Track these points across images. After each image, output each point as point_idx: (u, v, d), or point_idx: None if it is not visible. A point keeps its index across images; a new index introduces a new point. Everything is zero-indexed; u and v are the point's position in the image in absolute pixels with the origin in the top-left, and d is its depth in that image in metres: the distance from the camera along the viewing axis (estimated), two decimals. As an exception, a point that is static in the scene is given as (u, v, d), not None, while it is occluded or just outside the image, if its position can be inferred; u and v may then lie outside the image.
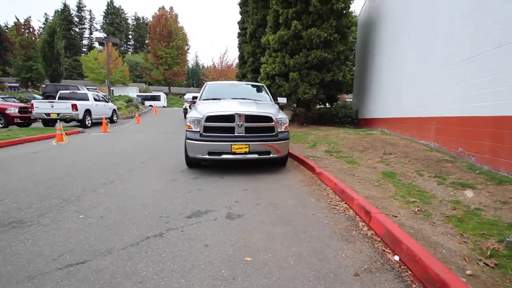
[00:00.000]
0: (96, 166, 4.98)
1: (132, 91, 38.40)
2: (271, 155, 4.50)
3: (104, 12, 67.41)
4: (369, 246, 2.17)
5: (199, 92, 6.43)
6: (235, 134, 4.40)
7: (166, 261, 1.93)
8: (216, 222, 2.63)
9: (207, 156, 4.34)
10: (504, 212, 2.66)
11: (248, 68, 15.77)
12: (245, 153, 4.36)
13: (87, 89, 17.62)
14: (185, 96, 16.83)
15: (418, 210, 2.80)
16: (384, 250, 2.10)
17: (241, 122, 4.36)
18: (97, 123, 13.01)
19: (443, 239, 2.20)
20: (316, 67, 10.95)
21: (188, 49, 39.14)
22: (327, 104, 14.27)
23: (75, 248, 2.11)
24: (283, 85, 11.35)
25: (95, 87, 31.00)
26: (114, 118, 14.73)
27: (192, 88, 61.39)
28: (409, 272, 1.82)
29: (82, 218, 2.70)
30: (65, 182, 3.91)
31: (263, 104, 5.08)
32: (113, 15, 66.48)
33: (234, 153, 4.33)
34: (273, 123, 4.52)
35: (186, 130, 4.58)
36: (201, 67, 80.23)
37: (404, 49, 7.27)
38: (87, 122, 11.63)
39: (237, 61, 57.18)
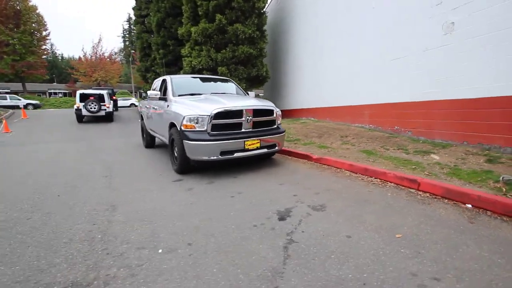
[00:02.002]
0: (46, 191, 3.55)
1: (-44, 90, 26.87)
2: (276, 148, 4.57)
3: None
4: (444, 204, 2.78)
5: (66, 89, 5.48)
6: (243, 130, 4.19)
7: (361, 266, 1.85)
8: (314, 217, 2.60)
9: (217, 157, 3.94)
10: (470, 164, 3.90)
11: (158, 61, 14.24)
12: (257, 148, 4.24)
13: None
14: (76, 94, 13.54)
15: (427, 173, 3.69)
16: (455, 203, 2.76)
17: (250, 117, 4.20)
18: None
19: (469, 187, 3.08)
20: (243, 63, 11.28)
21: (48, 35, 30.57)
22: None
23: None
24: (211, 80, 11.04)
25: None
26: (-39, 129, 10.13)
27: (55, 84, 48.71)
28: (488, 212, 2.52)
29: (165, 253, 2.05)
30: (45, 220, 2.67)
31: (259, 98, 5.00)
32: None
33: (247, 150, 4.14)
34: (275, 116, 4.58)
35: (185, 131, 3.98)
36: (59, 58, 64.66)
37: (331, 52, 8.63)
38: None
39: (114, 52, 49.64)
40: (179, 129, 4.11)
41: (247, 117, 4.17)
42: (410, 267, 1.77)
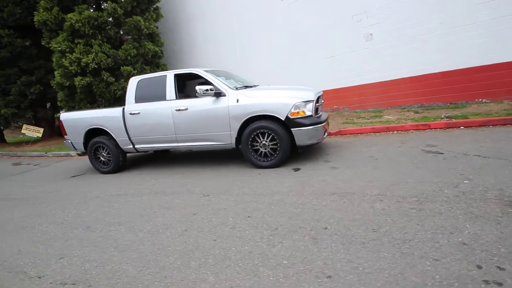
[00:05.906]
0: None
1: None
2: (326, 128, 5.37)
3: None
4: (455, 130, 5.03)
5: None
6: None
7: (503, 154, 3.47)
8: (448, 147, 3.99)
9: (321, 138, 4.29)
10: (412, 116, 6.64)
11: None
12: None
13: None
14: None
15: (409, 122, 6.03)
16: (457, 128, 5.09)
17: (322, 101, 4.79)
18: None
19: (439, 121, 5.61)
20: (148, 62, 9.75)
21: None
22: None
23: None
24: (112, 83, 8.82)
25: None
26: None
27: None
28: (474, 127, 5.00)
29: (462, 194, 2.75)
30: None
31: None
32: None
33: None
34: (317, 100, 5.32)
35: (295, 119, 3.99)
36: None
37: (264, 52, 9.63)
38: None
39: None
40: (283, 118, 3.97)
41: (321, 101, 4.72)
42: (522, 146, 3.65)
